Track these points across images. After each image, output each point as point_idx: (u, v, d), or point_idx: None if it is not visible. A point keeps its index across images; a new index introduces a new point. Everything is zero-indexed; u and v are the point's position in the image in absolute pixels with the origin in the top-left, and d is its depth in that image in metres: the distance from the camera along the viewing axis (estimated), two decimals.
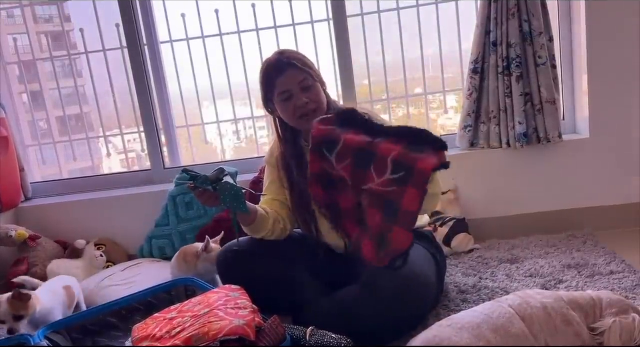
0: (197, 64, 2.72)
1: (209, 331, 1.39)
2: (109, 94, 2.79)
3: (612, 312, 1.34)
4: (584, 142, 2.38)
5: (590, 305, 1.36)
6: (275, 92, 1.73)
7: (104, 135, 2.92)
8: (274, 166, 1.88)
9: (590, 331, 1.33)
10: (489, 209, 2.40)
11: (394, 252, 1.39)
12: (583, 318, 1.34)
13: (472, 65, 2.33)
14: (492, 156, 2.40)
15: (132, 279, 2.20)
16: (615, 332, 1.30)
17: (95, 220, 2.58)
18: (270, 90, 1.74)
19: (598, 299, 1.38)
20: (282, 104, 1.73)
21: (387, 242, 1.39)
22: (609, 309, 1.35)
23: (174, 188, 2.48)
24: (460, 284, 1.94)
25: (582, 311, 1.35)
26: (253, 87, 2.71)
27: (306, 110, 1.71)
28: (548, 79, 2.25)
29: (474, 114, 2.38)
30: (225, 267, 1.82)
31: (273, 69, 1.72)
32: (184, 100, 2.77)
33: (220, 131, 2.84)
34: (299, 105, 1.71)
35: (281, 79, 1.71)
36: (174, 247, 2.45)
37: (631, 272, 1.89)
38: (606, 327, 1.31)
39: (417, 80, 2.68)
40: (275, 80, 1.71)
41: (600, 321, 1.34)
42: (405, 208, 1.35)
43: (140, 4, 2.58)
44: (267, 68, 1.74)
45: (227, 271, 1.81)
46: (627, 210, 2.38)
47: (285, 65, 1.71)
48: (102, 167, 3.16)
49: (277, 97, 1.73)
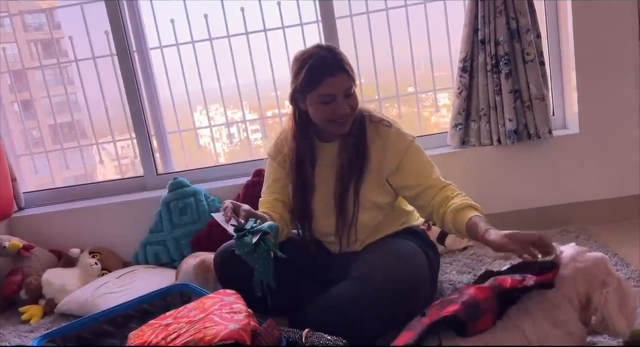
0: (188, 69, 2.73)
1: (205, 336, 1.39)
2: (100, 101, 2.78)
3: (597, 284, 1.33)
4: (574, 137, 2.39)
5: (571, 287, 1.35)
6: (317, 91, 1.65)
7: (96, 142, 2.92)
8: (280, 164, 1.85)
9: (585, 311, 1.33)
10: (482, 207, 2.38)
11: None
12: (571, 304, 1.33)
13: (462, 64, 2.34)
14: (483, 154, 2.41)
15: (128, 286, 2.19)
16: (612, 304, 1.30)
17: (89, 228, 2.58)
18: (311, 87, 1.65)
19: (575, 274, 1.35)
20: (321, 106, 1.66)
21: None
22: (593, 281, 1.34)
23: (168, 194, 2.48)
24: (455, 281, 1.95)
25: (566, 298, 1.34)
26: (244, 90, 2.72)
27: (344, 118, 1.68)
28: (537, 75, 2.27)
29: (465, 112, 2.39)
30: (222, 270, 1.82)
31: (324, 67, 1.63)
32: (176, 105, 2.77)
33: (212, 135, 2.84)
34: (340, 113, 1.66)
35: (330, 81, 1.63)
36: (169, 253, 2.45)
37: (624, 265, 1.91)
38: (599, 304, 1.31)
39: (409, 80, 2.69)
40: (322, 79, 1.63)
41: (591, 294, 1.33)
42: None
43: (129, 11, 2.58)
44: (316, 64, 1.64)
45: (224, 274, 1.82)
46: (619, 204, 2.39)
47: (337, 68, 1.63)
48: (96, 175, 3.15)
49: (318, 96, 1.65)
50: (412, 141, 1.77)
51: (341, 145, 1.76)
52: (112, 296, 2.12)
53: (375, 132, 1.76)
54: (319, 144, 1.81)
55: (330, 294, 1.67)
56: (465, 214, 1.62)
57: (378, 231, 1.83)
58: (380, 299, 1.55)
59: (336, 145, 1.78)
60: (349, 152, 1.74)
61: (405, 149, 1.74)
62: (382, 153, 1.75)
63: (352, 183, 1.75)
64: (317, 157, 1.81)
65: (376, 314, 1.56)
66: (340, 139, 1.77)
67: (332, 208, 1.78)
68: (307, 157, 1.78)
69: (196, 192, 2.47)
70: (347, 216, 1.76)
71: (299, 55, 1.70)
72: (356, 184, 1.75)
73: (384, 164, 1.75)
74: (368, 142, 1.75)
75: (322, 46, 1.71)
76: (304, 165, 1.79)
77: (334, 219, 1.78)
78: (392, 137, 1.75)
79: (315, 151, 1.80)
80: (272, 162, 1.89)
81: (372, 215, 1.79)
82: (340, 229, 1.78)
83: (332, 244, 1.86)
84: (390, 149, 1.74)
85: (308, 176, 1.79)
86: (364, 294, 1.58)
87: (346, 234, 1.78)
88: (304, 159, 1.78)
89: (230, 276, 1.77)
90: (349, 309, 1.59)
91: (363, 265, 1.67)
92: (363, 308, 1.57)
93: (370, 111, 1.82)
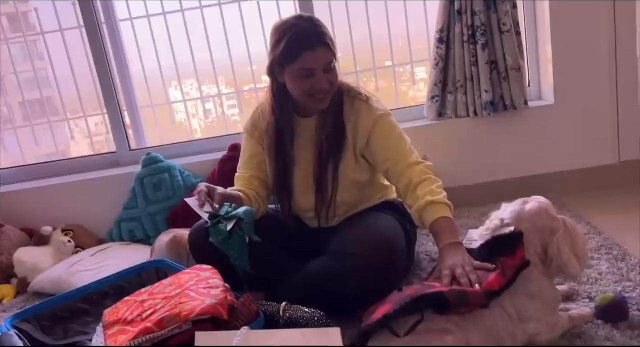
0: (160, 42, 2.65)
1: (181, 311, 1.38)
2: (71, 76, 2.69)
3: (547, 234, 1.37)
4: (549, 108, 2.40)
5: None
6: (295, 64, 1.59)
7: (66, 118, 2.84)
8: (257, 139, 1.81)
9: (545, 264, 1.37)
10: (459, 178, 2.42)
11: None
12: (537, 268, 1.36)
13: (438, 34, 2.32)
14: (460, 125, 2.41)
15: (102, 263, 2.16)
16: (564, 248, 1.35)
17: (61, 206, 2.52)
18: (290, 60, 1.59)
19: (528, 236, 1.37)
20: (299, 79, 1.62)
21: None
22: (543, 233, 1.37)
23: (142, 169, 2.43)
24: (431, 252, 1.97)
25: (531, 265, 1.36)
26: (219, 65, 2.66)
27: (322, 93, 1.63)
28: (513, 46, 2.26)
29: (441, 84, 2.38)
30: (198, 248, 1.79)
31: (304, 40, 1.57)
32: (149, 80, 2.70)
33: (187, 110, 2.79)
34: (319, 88, 1.61)
35: (310, 54, 1.58)
36: (144, 230, 2.42)
37: (596, 233, 1.94)
38: (554, 253, 1.35)
39: (386, 54, 2.66)
40: (302, 52, 1.57)
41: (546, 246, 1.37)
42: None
43: None
44: (296, 36, 1.58)
45: (199, 251, 1.79)
46: (592, 173, 2.43)
47: (318, 41, 1.57)
48: (69, 153, 3.08)
49: (297, 70, 1.60)
50: (382, 115, 1.71)
51: (319, 121, 1.73)
52: (86, 273, 2.09)
53: (351, 107, 1.73)
54: (297, 119, 1.77)
55: (308, 268, 1.67)
56: (429, 215, 1.57)
57: (356, 206, 1.82)
58: (357, 272, 1.55)
59: (314, 121, 1.75)
60: (326, 129, 1.71)
61: (373, 123, 1.70)
62: (355, 128, 1.72)
63: (331, 161, 1.72)
64: (296, 132, 1.77)
65: (354, 287, 1.56)
66: (318, 115, 1.74)
67: (310, 185, 1.76)
68: (285, 132, 1.75)
69: (170, 168, 2.43)
70: (325, 194, 1.75)
71: (279, 25, 1.64)
72: (335, 162, 1.73)
73: (357, 139, 1.72)
74: (344, 117, 1.72)
75: (304, 17, 1.65)
76: (283, 140, 1.75)
77: (313, 195, 1.77)
78: (362, 111, 1.72)
79: (293, 126, 1.77)
80: (248, 138, 1.85)
81: (350, 193, 1.78)
82: (318, 206, 1.77)
83: (310, 220, 1.85)
84: (360, 123, 1.71)
85: (287, 151, 1.76)
86: (342, 267, 1.57)
87: (325, 210, 1.77)
88: (282, 134, 1.75)
89: (205, 253, 1.74)
90: (326, 283, 1.59)
91: (340, 239, 1.67)
92: (341, 282, 1.57)
93: (349, 85, 1.77)
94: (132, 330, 1.37)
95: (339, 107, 1.72)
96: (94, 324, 1.64)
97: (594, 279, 1.64)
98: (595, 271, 1.68)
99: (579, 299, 1.55)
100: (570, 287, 1.59)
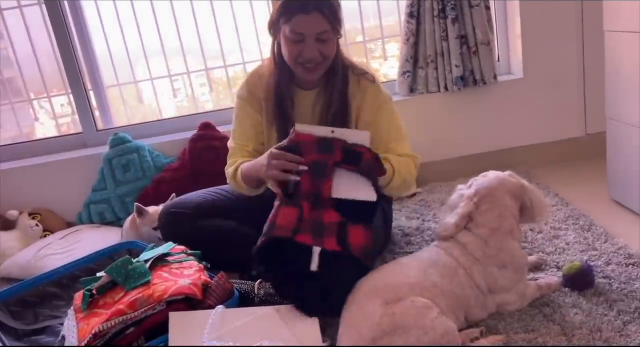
0: (124, 19, 2.57)
1: (154, 293, 1.37)
2: (33, 56, 2.59)
3: (520, 191, 1.45)
4: (519, 82, 2.43)
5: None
6: (288, 25, 1.53)
7: (28, 99, 2.74)
8: (255, 107, 1.72)
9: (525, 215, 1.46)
10: (430, 154, 2.43)
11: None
12: (514, 235, 1.42)
13: (408, 9, 2.30)
14: (431, 101, 2.42)
15: (72, 246, 2.12)
16: (538, 194, 1.48)
17: (27, 189, 2.45)
18: (284, 19, 1.54)
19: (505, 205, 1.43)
20: (290, 43, 1.56)
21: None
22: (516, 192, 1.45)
23: (109, 150, 2.38)
24: (404, 227, 1.99)
25: (507, 233, 1.41)
26: (186, 41, 2.60)
27: (311, 63, 1.57)
28: (482, 20, 2.26)
29: (412, 59, 2.37)
30: (168, 229, 1.77)
31: (299, 1, 1.51)
32: (114, 58, 2.62)
33: (154, 89, 2.72)
34: (307, 56, 1.55)
35: (302, 18, 1.51)
36: (114, 212, 2.38)
37: (564, 204, 1.99)
38: (533, 200, 1.44)
39: (358, 30, 2.63)
40: (294, 14, 1.52)
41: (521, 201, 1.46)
42: None
43: None
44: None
45: (170, 233, 1.76)
46: (560, 146, 2.48)
47: (313, 7, 1.50)
48: (34, 135, 2.98)
49: (289, 32, 1.53)
50: (387, 101, 1.70)
51: (325, 97, 1.68)
52: (55, 257, 2.05)
53: (357, 85, 1.69)
54: (297, 90, 1.71)
55: None
56: None
57: None
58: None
59: (313, 95, 1.70)
60: (334, 106, 1.65)
61: (377, 108, 1.68)
62: (360, 107, 1.69)
63: None
64: (295, 102, 1.70)
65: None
66: (320, 89, 1.69)
67: None
68: (286, 97, 1.67)
69: (139, 148, 2.38)
70: None
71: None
72: None
73: (360, 118, 1.69)
74: (349, 96, 1.67)
75: None
76: (283, 106, 1.67)
77: None
78: (369, 92, 1.68)
79: (292, 96, 1.69)
80: (245, 106, 1.75)
81: None
82: None
83: None
84: (365, 105, 1.68)
85: (288, 117, 1.66)
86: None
87: None
88: (283, 98, 1.67)
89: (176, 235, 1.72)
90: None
91: None
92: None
93: (353, 62, 1.72)
94: (104, 313, 1.36)
95: (344, 84, 1.67)
96: (65, 308, 1.62)
97: (561, 249, 1.68)
98: (563, 241, 1.73)
99: (548, 268, 1.59)
100: (539, 258, 1.63)
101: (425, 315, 1.22)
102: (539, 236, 1.78)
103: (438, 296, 1.29)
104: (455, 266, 1.37)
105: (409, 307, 1.23)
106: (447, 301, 1.30)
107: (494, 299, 1.37)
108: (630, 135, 1.84)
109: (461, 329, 1.32)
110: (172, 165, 2.39)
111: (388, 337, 1.20)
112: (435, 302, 1.26)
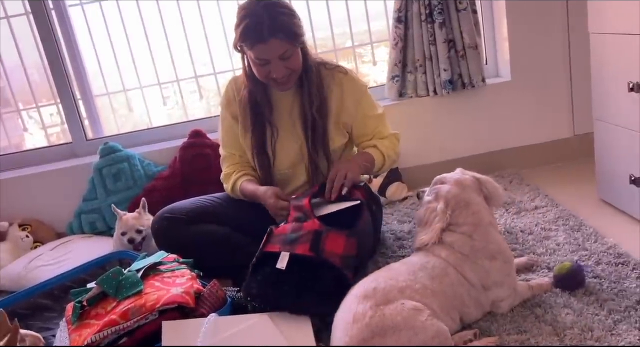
0: (113, 28, 2.56)
1: (146, 302, 1.36)
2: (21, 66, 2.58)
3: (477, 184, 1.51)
4: (507, 85, 2.45)
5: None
6: (251, 52, 1.62)
7: (17, 110, 2.73)
8: (233, 115, 1.82)
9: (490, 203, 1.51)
10: (421, 157, 2.45)
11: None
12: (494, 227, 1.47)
13: (396, 14, 2.32)
14: (420, 105, 2.43)
15: (63, 257, 2.11)
16: (493, 183, 1.54)
17: (17, 200, 2.43)
18: (247, 46, 1.62)
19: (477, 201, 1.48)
20: (257, 66, 1.65)
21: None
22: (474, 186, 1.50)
23: (100, 160, 2.37)
24: (396, 231, 1.99)
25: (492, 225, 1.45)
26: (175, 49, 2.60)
27: (282, 78, 1.66)
28: (469, 24, 2.28)
29: (401, 63, 2.39)
30: (162, 234, 1.77)
31: (256, 32, 1.57)
32: (102, 67, 2.61)
33: (144, 97, 2.71)
34: (275, 76, 1.64)
35: (262, 47, 1.59)
36: (105, 221, 2.37)
37: (553, 205, 2.00)
38: (491, 190, 1.51)
39: (347, 35, 2.64)
40: (254, 45, 1.59)
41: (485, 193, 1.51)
42: None
43: None
44: (250, 26, 1.58)
45: (164, 238, 1.76)
46: (548, 148, 2.50)
47: (270, 35, 1.56)
48: (24, 146, 2.96)
49: (254, 57, 1.62)
50: (364, 90, 1.82)
51: (303, 95, 1.74)
52: (46, 268, 2.04)
53: (332, 79, 1.78)
54: (274, 93, 1.79)
55: None
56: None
57: None
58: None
59: (290, 95, 1.77)
60: (314, 103, 1.73)
61: (359, 99, 1.79)
62: (340, 101, 1.78)
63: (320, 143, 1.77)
64: (273, 103, 1.79)
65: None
66: (296, 88, 1.76)
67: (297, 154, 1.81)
68: (263, 102, 1.76)
69: (129, 157, 2.37)
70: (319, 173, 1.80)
71: (240, 7, 1.65)
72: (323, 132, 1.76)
73: (341, 110, 1.79)
74: (326, 91, 1.76)
75: (263, 2, 1.60)
76: (259, 110, 1.76)
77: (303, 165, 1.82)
78: (346, 84, 1.78)
79: (270, 97, 1.78)
80: (225, 114, 1.85)
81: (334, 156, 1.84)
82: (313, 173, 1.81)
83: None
84: (346, 97, 1.78)
85: (265, 119, 1.77)
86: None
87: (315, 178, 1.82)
88: (258, 105, 1.76)
89: (170, 241, 1.72)
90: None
91: None
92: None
93: (323, 59, 1.82)
94: (96, 323, 1.35)
95: (319, 80, 1.76)
96: (57, 319, 1.61)
97: (552, 250, 1.69)
98: (553, 241, 1.74)
99: (539, 269, 1.60)
100: (529, 259, 1.64)
101: (416, 317, 1.22)
102: (530, 238, 1.79)
103: (429, 297, 1.29)
104: (444, 266, 1.37)
105: (399, 309, 1.23)
106: (439, 302, 1.30)
107: (487, 296, 1.38)
108: (617, 137, 1.86)
109: (457, 331, 1.32)
110: (163, 174, 2.38)
111: (379, 338, 1.20)
112: (427, 305, 1.27)
